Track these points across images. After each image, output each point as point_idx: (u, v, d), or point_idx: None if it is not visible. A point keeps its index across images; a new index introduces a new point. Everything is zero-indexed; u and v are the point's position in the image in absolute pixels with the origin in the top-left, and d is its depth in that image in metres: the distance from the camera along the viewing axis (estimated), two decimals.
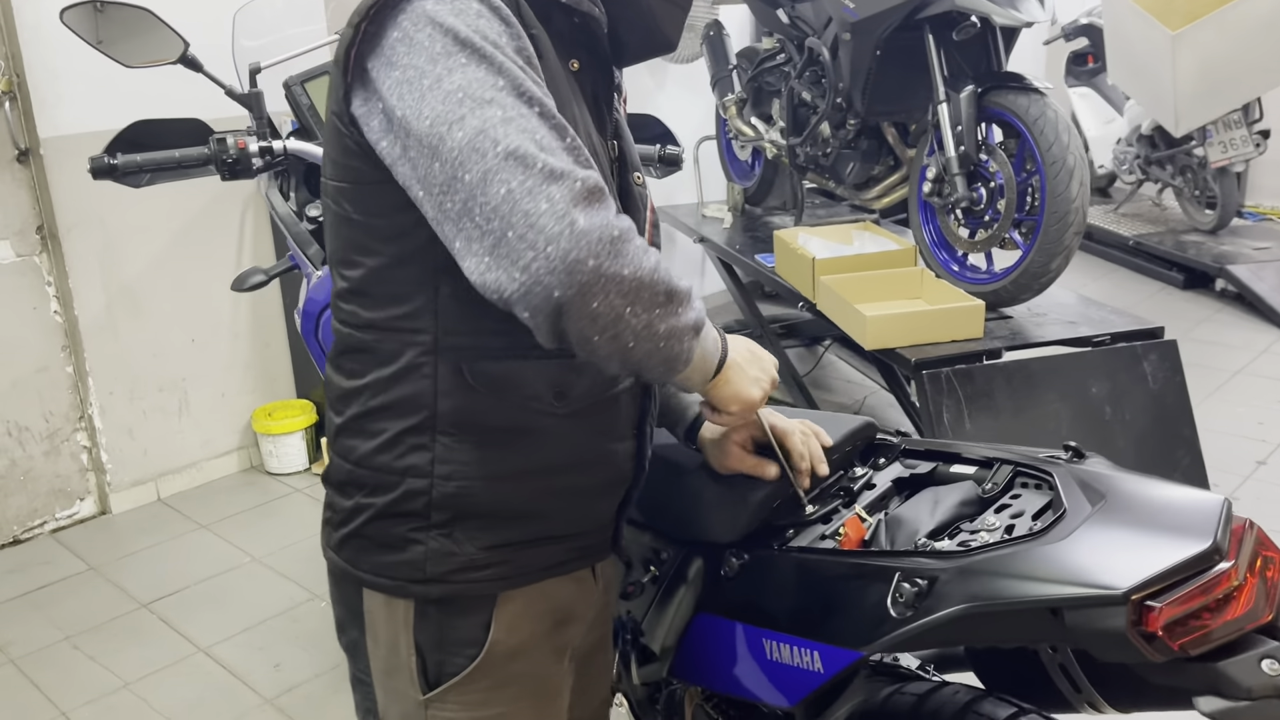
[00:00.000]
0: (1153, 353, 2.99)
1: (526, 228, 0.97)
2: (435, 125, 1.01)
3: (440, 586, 1.20)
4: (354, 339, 1.19)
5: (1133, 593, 1.00)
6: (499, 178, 0.98)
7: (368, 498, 1.20)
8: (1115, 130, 5.96)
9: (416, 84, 1.02)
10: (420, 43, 1.03)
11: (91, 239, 3.31)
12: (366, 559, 1.22)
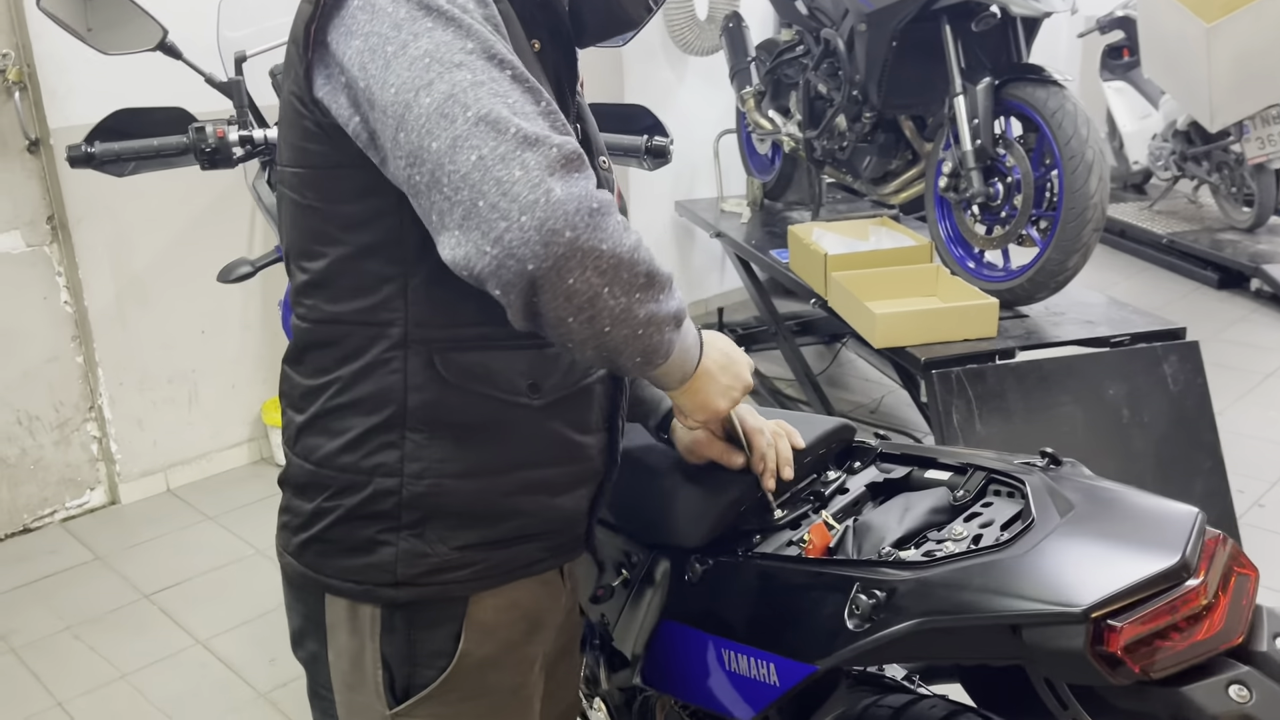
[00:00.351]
0: (1174, 354, 2.89)
1: (499, 196, 0.92)
2: (401, 93, 0.96)
3: (410, 590, 1.15)
4: (315, 334, 1.15)
5: (1092, 610, 0.94)
6: (469, 144, 0.93)
7: (332, 499, 1.15)
8: (1151, 125, 5.82)
9: (380, 51, 0.98)
10: (383, 9, 0.98)
11: (102, 230, 3.31)
12: (331, 563, 1.17)
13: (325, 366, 1.14)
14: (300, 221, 1.13)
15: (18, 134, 3.14)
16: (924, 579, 1.06)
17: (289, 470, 1.21)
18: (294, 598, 1.25)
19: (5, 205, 3.16)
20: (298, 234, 1.14)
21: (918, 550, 1.17)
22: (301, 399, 1.17)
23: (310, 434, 1.16)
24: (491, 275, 0.94)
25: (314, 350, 1.16)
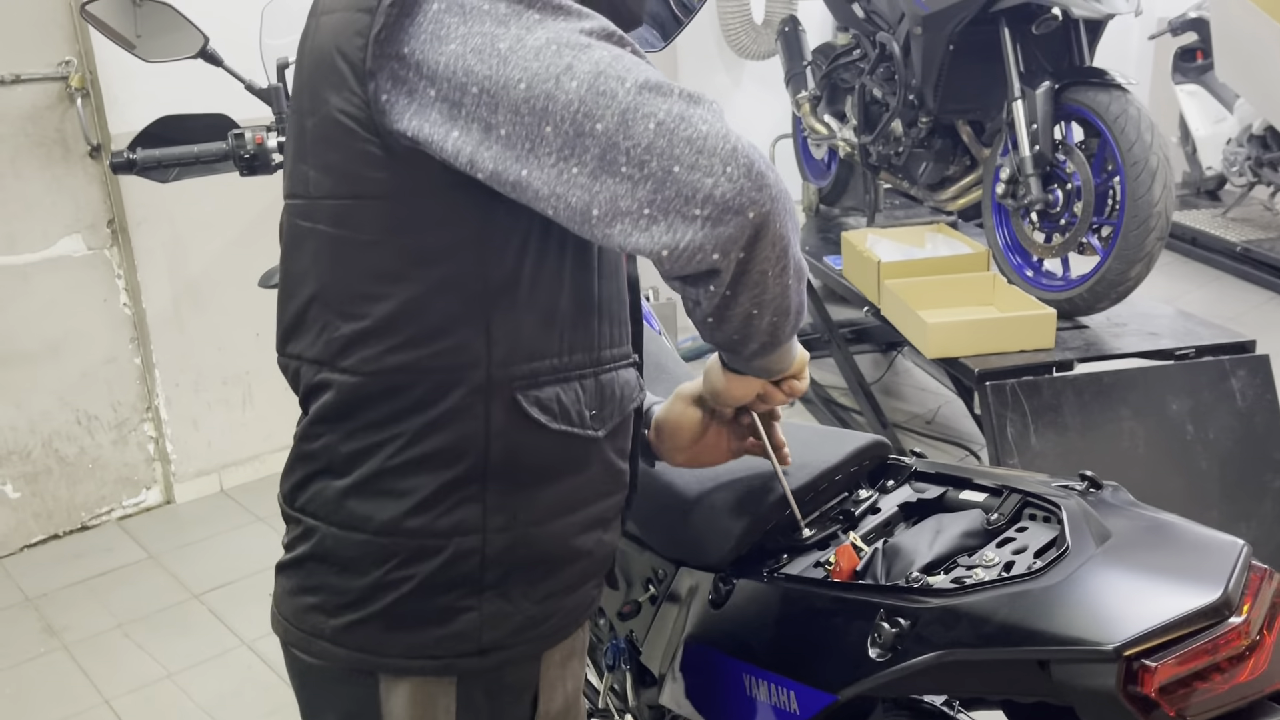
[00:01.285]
0: (1242, 368, 2.78)
1: (696, 154, 0.86)
2: (535, 84, 0.88)
3: (496, 655, 1.05)
4: (369, 388, 1.00)
5: (1126, 648, 0.88)
6: (642, 112, 0.86)
7: (400, 569, 1.01)
8: (1225, 130, 5.64)
9: (491, 50, 0.89)
10: (477, 7, 0.90)
11: (160, 233, 3.37)
12: (396, 641, 1.03)
13: (382, 422, 1.01)
14: (348, 261, 1.00)
15: (80, 139, 3.21)
16: (950, 608, 1.01)
17: (323, 542, 1.05)
18: (327, 694, 1.09)
19: (67, 209, 3.24)
20: (342, 276, 1.00)
21: (947, 576, 1.12)
22: (346, 462, 1.03)
23: (361, 498, 1.02)
24: (706, 240, 0.88)
25: (368, 406, 1.01)
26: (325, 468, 1.05)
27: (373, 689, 1.05)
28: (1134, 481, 2.59)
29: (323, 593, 1.05)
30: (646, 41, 1.90)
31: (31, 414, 3.25)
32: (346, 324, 1.00)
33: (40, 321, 3.23)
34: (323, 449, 1.04)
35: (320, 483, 1.05)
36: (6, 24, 3.04)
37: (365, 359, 1.00)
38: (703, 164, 0.86)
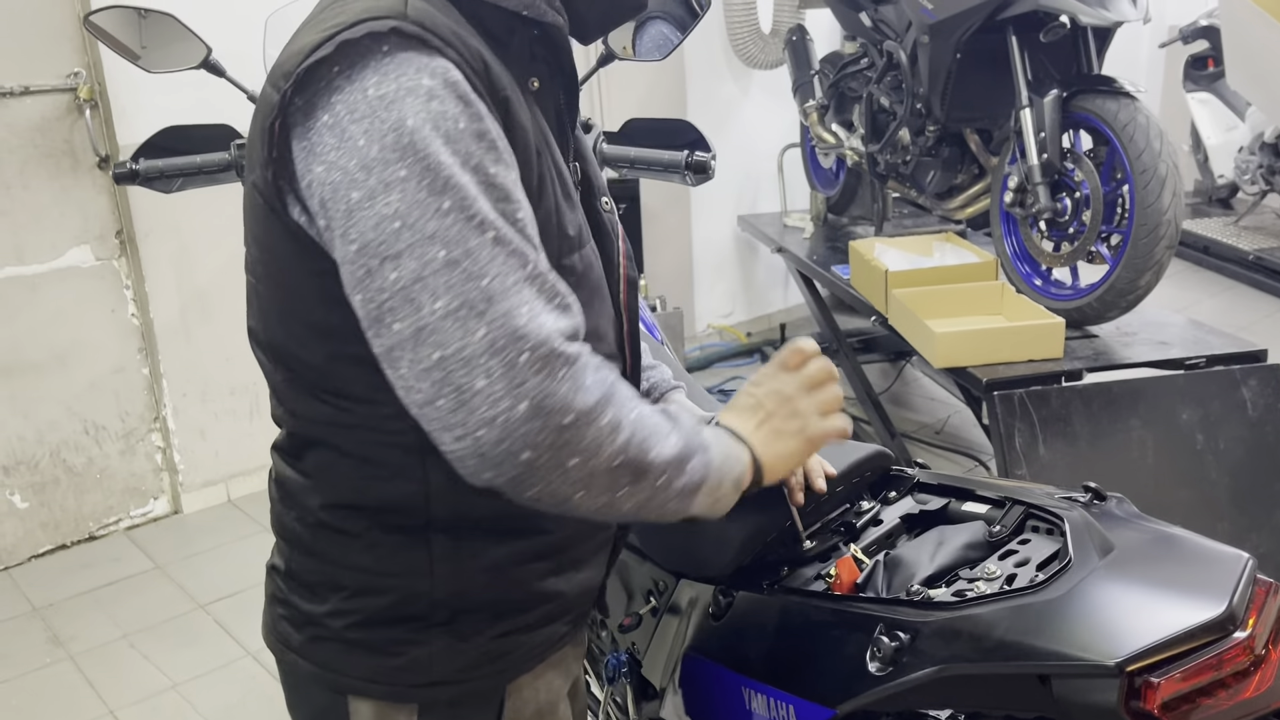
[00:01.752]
0: (1253, 378, 2.75)
1: (456, 404, 0.85)
2: (364, 254, 0.87)
3: (449, 689, 1.06)
4: (310, 434, 1.03)
5: (1128, 663, 0.87)
6: (432, 339, 0.85)
7: (350, 601, 1.04)
8: (1237, 138, 5.60)
9: (344, 195, 0.87)
10: (353, 139, 0.87)
11: (168, 244, 3.38)
12: (353, 664, 1.05)
13: (325, 466, 1.03)
14: (272, 316, 1.01)
15: (88, 150, 3.22)
16: (950, 621, 1.00)
17: (290, 562, 1.09)
18: (300, 695, 1.13)
19: (76, 220, 3.25)
20: (273, 325, 1.01)
21: (948, 589, 1.10)
22: (302, 494, 1.05)
23: (317, 530, 1.05)
24: (452, 459, 0.88)
25: (311, 448, 1.04)
26: (289, 495, 1.07)
27: (341, 702, 1.07)
28: (1143, 492, 2.60)
29: (290, 608, 1.09)
30: (665, 38, 1.90)
31: (39, 424, 3.26)
32: (279, 371, 1.03)
33: (48, 332, 3.24)
34: (286, 478, 1.08)
35: (287, 507, 1.08)
36: (16, 36, 3.06)
37: (301, 406, 1.02)
38: (460, 415, 0.85)
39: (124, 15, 1.84)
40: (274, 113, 0.91)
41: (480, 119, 0.90)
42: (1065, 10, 2.82)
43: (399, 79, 0.87)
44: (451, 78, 0.89)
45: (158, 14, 1.84)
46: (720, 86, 4.71)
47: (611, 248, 1.14)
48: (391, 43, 0.89)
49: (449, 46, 0.91)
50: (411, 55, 0.88)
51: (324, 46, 0.89)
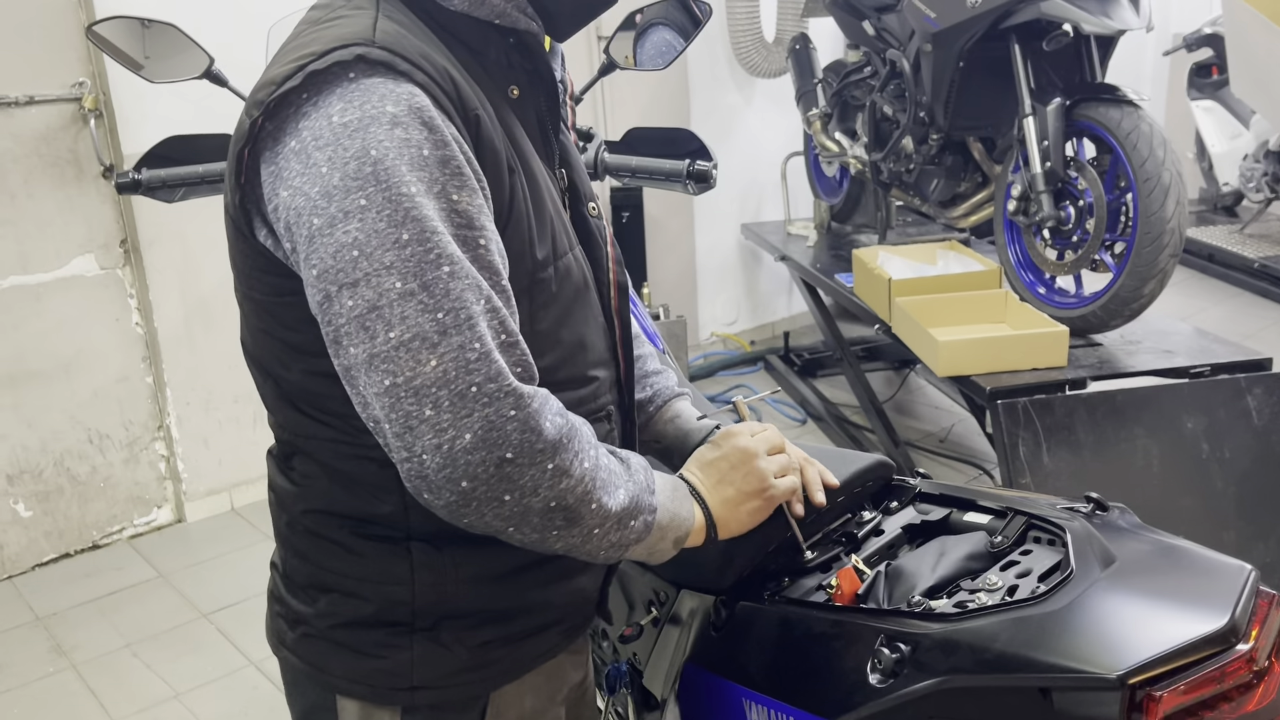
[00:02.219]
0: (1258, 386, 2.74)
1: (403, 430, 0.88)
2: (322, 279, 0.89)
3: (430, 693, 1.08)
4: (293, 444, 1.07)
5: (1130, 676, 0.86)
6: (384, 367, 0.87)
7: (336, 604, 1.07)
8: (1241, 145, 5.60)
9: (305, 220, 0.89)
10: (317, 165, 0.88)
11: (171, 253, 3.39)
12: (339, 663, 1.08)
13: (308, 474, 1.06)
14: (257, 332, 1.04)
15: (92, 160, 3.23)
16: (951, 633, 0.99)
17: (284, 563, 1.12)
18: (294, 691, 1.16)
19: (80, 229, 3.25)
20: (259, 340, 1.04)
21: (949, 600, 1.10)
22: (290, 500, 1.09)
23: (304, 535, 1.08)
24: (401, 476, 0.92)
25: (294, 457, 1.08)
26: (280, 500, 1.11)
27: (325, 696, 1.10)
28: (1148, 500, 2.59)
29: (284, 605, 1.12)
30: (667, 47, 1.90)
31: (43, 433, 3.26)
32: (266, 383, 1.06)
33: (52, 341, 3.24)
34: (277, 484, 1.11)
35: (279, 511, 1.11)
36: (21, 46, 3.07)
37: (285, 418, 1.06)
38: (406, 440, 0.88)
39: (127, 25, 1.85)
40: (244, 139, 0.93)
41: (445, 145, 0.90)
42: (1068, 18, 2.82)
43: (363, 106, 0.88)
44: (417, 103, 0.90)
45: (160, 24, 1.84)
46: (723, 95, 4.71)
47: (600, 253, 1.14)
48: (358, 69, 0.90)
49: (416, 69, 0.91)
50: (377, 81, 0.90)
51: (294, 77, 0.90)
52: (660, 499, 1.04)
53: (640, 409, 1.33)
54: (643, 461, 1.06)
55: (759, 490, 1.15)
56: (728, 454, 1.15)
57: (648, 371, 1.36)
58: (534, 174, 1.03)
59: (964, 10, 3.00)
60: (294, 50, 0.95)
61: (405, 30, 0.96)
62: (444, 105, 0.92)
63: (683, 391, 1.39)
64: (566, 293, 1.06)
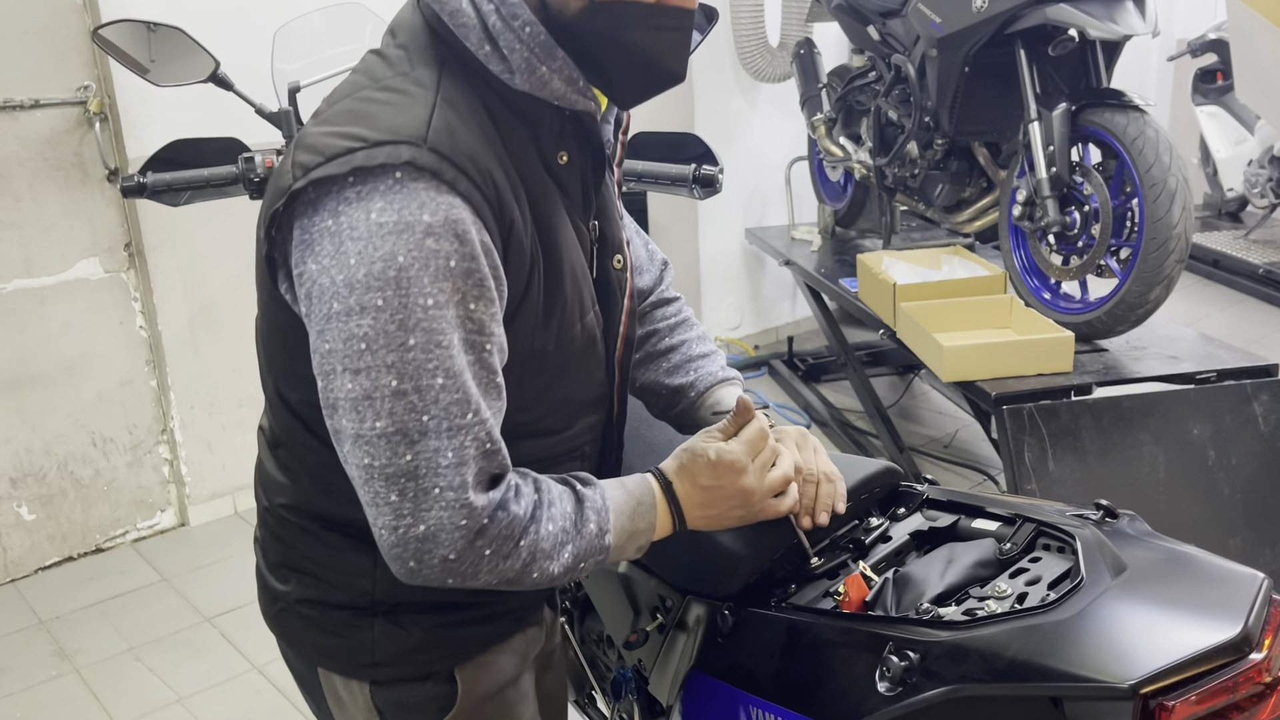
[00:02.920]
0: (1264, 393, 2.73)
1: (370, 504, 0.99)
2: (330, 358, 0.96)
3: (392, 669, 1.17)
4: (284, 441, 1.16)
5: (1142, 685, 0.86)
6: (367, 448, 0.96)
7: (305, 585, 1.17)
8: (1246, 151, 5.59)
9: (327, 301, 0.95)
10: (346, 255, 0.93)
11: (176, 256, 3.39)
12: (310, 639, 1.20)
13: (292, 469, 1.15)
14: (266, 344, 1.12)
15: (97, 163, 3.23)
16: (960, 641, 0.99)
17: (264, 541, 1.23)
18: (286, 651, 1.27)
19: (85, 233, 3.25)
20: (268, 345, 1.12)
21: (958, 608, 1.09)
22: (272, 487, 1.19)
23: (281, 521, 1.18)
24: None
25: (284, 449, 1.16)
26: (264, 480, 1.21)
27: (312, 669, 1.21)
28: (1154, 508, 2.58)
29: (263, 581, 1.23)
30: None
31: (47, 436, 3.26)
32: (268, 377, 1.14)
33: (57, 344, 3.24)
34: (263, 465, 1.21)
35: (261, 490, 1.21)
36: (26, 50, 3.07)
37: (279, 415, 1.14)
38: (371, 513, 0.99)
39: (133, 29, 1.85)
40: (282, 198, 0.97)
41: (473, 258, 0.95)
42: (1074, 24, 2.81)
43: (402, 211, 0.93)
44: (454, 215, 0.94)
45: (166, 28, 1.84)
46: (728, 100, 4.71)
47: (615, 307, 1.20)
48: (404, 171, 0.94)
49: (462, 176, 0.96)
50: (420, 188, 0.94)
51: (341, 161, 0.94)
52: (615, 533, 1.10)
53: (681, 394, 1.38)
54: (600, 500, 1.11)
55: (740, 518, 1.18)
56: (726, 489, 1.15)
57: (692, 356, 1.41)
58: (558, 256, 1.08)
59: (969, 15, 3.00)
60: (348, 117, 0.99)
61: (460, 118, 0.99)
62: (482, 214, 0.97)
63: (727, 377, 1.40)
64: (564, 359, 1.12)
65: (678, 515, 1.16)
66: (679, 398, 1.39)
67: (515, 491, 1.04)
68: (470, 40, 1.01)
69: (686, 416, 1.39)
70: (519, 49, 1.01)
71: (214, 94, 1.97)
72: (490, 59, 1.01)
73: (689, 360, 1.40)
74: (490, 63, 1.01)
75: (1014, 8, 2.87)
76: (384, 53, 1.06)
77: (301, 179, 0.96)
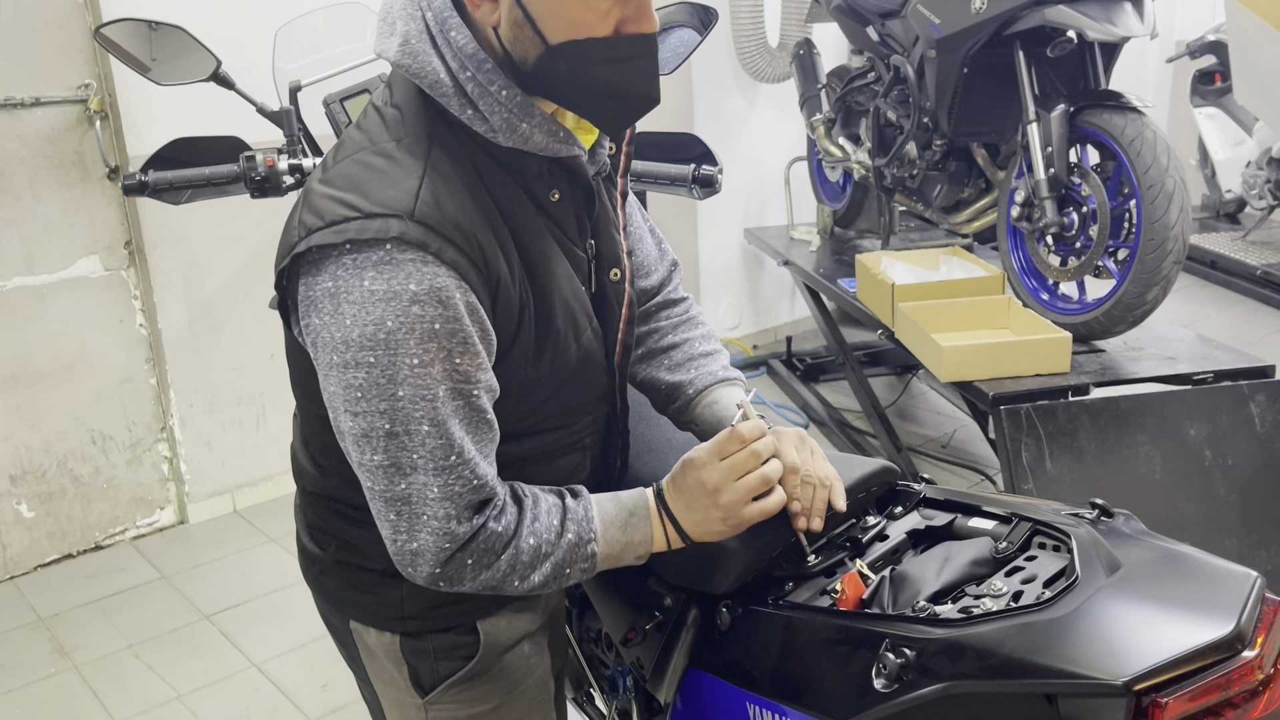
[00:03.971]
0: (1260, 393, 2.74)
1: (375, 515, 1.12)
2: (332, 399, 1.08)
3: (419, 622, 1.27)
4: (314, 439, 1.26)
5: (1135, 682, 0.87)
6: (368, 475, 1.09)
7: (341, 552, 1.29)
8: (1244, 153, 5.60)
9: (328, 353, 1.06)
10: (343, 315, 1.04)
11: (176, 255, 3.39)
12: (346, 596, 1.32)
13: (321, 464, 1.26)
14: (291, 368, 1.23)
15: (98, 162, 3.24)
16: (956, 638, 1.00)
17: (304, 509, 1.35)
18: (323, 609, 1.40)
19: (85, 231, 3.26)
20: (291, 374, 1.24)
21: (954, 605, 1.10)
22: (306, 479, 1.32)
23: (316, 502, 1.30)
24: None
25: (312, 445, 1.28)
26: (299, 467, 1.33)
27: (346, 623, 1.33)
28: (1151, 508, 2.59)
29: (302, 545, 1.36)
30: (674, 50, 1.92)
31: (46, 434, 3.27)
32: (296, 384, 1.26)
33: (56, 342, 3.25)
34: (299, 452, 1.32)
35: (298, 474, 1.35)
36: (28, 48, 3.07)
37: (308, 418, 1.26)
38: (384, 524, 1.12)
39: (134, 28, 1.85)
40: (287, 255, 1.08)
41: (456, 320, 1.05)
42: (1073, 25, 2.82)
43: (390, 281, 1.03)
44: (438, 284, 1.03)
45: (168, 27, 1.85)
46: (727, 100, 4.72)
47: (614, 317, 1.27)
48: (393, 244, 1.03)
49: (447, 245, 1.04)
50: (406, 260, 1.03)
51: (339, 230, 1.03)
52: (604, 542, 1.18)
53: (679, 390, 1.42)
54: (582, 512, 1.18)
55: (723, 519, 1.20)
56: (690, 487, 1.21)
57: (694, 354, 1.45)
58: (550, 294, 1.15)
59: (968, 16, 3.01)
60: (347, 182, 1.07)
61: (448, 185, 1.07)
62: (468, 277, 1.06)
63: (728, 377, 1.43)
64: (559, 379, 1.20)
65: (673, 524, 1.21)
66: (677, 394, 1.42)
67: (500, 510, 1.14)
68: (453, 107, 1.09)
69: (684, 413, 1.42)
70: (499, 110, 1.08)
71: (215, 93, 1.98)
72: (474, 120, 1.09)
73: (690, 358, 1.43)
74: (474, 124, 1.09)
75: (1013, 9, 2.88)
76: (382, 112, 1.14)
77: (302, 243, 1.05)
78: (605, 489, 1.27)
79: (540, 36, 1.06)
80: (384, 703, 1.37)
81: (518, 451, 1.21)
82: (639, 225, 1.43)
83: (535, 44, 1.07)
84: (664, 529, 1.21)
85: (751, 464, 1.20)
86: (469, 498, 1.10)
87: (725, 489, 1.19)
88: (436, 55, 1.08)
